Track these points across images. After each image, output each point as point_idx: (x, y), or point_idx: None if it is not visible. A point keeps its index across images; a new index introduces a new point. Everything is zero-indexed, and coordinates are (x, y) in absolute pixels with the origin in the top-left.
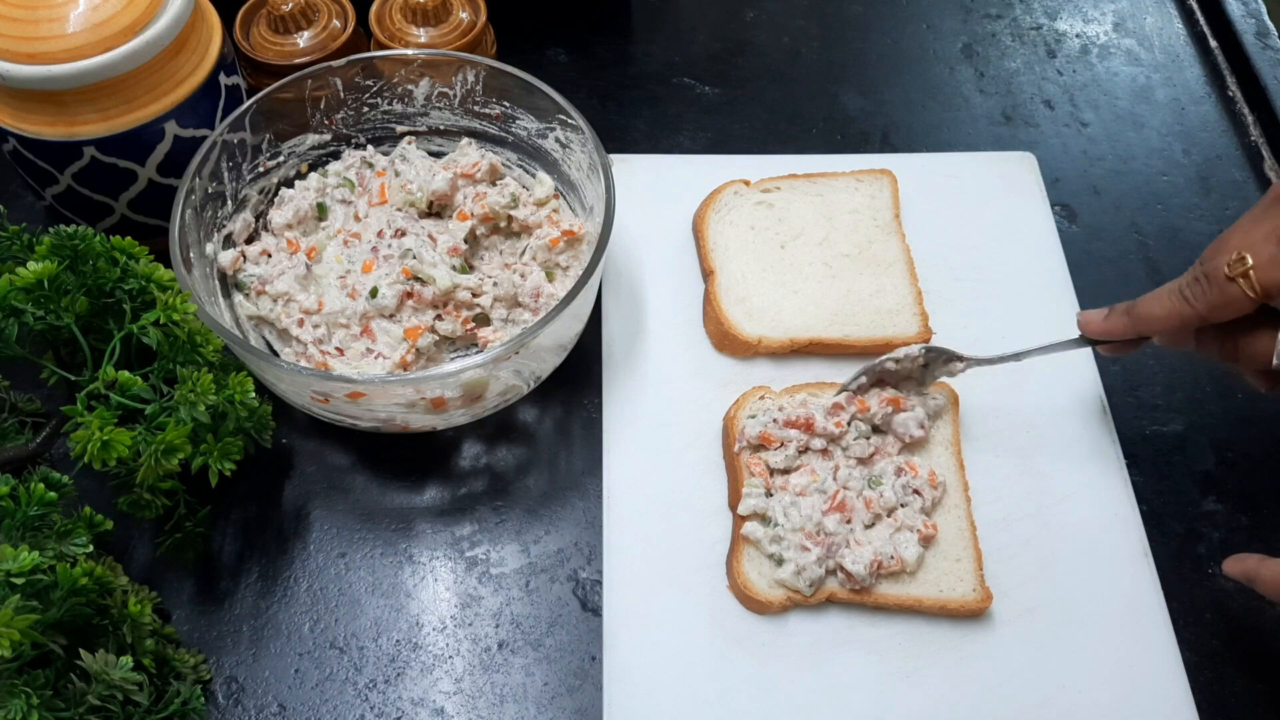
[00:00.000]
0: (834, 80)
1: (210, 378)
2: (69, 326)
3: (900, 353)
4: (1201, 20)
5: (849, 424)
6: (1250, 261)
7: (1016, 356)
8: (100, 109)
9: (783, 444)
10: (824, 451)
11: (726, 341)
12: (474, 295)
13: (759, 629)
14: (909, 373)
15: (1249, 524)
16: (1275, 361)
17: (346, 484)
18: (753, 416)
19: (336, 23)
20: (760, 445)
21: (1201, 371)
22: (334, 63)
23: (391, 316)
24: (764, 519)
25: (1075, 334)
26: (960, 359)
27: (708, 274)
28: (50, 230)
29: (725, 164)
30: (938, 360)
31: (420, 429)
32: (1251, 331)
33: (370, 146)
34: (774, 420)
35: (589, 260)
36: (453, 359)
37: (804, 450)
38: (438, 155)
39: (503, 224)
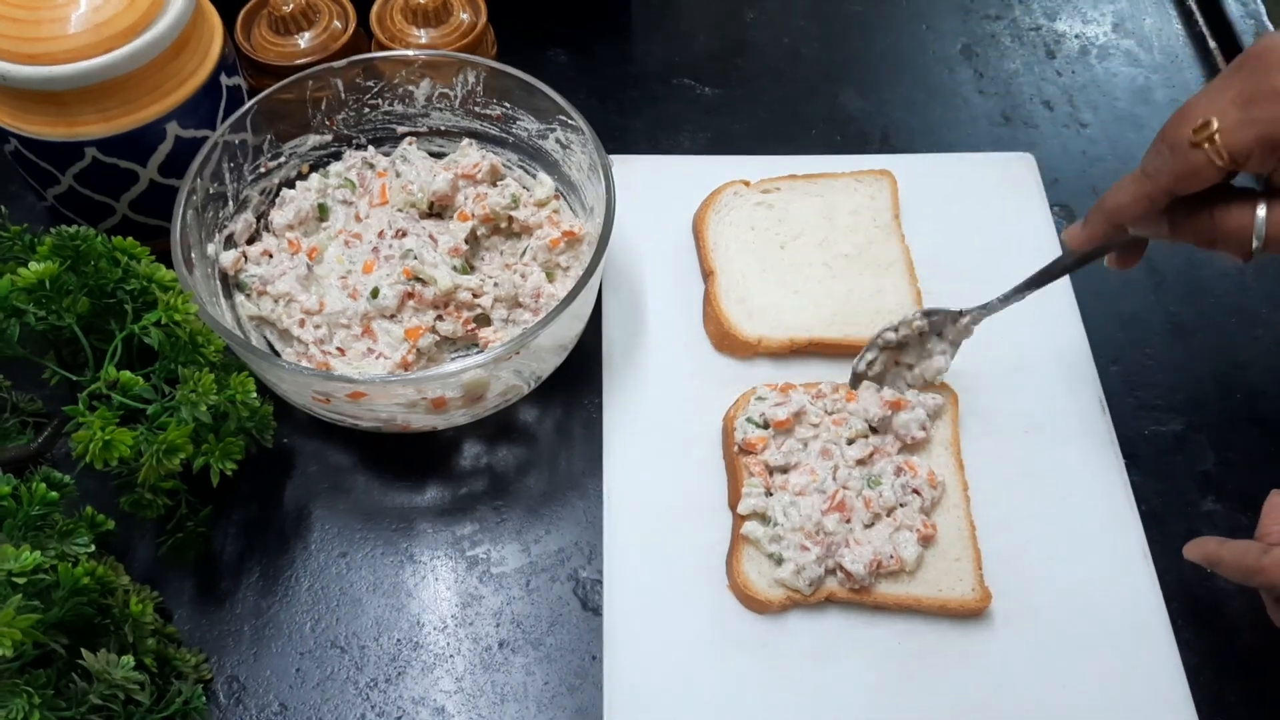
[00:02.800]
0: (834, 80)
1: (212, 378)
2: (70, 327)
3: (897, 319)
4: (1201, 21)
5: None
6: (1215, 125)
7: (1019, 294)
8: (101, 110)
9: (768, 445)
10: (824, 451)
11: (726, 341)
12: (475, 296)
13: (759, 628)
14: (912, 340)
15: (1249, 524)
16: (1255, 243)
17: (347, 484)
18: (748, 419)
19: (337, 24)
20: (747, 450)
21: (1202, 371)
22: (335, 63)
23: (392, 317)
24: (764, 518)
25: (1063, 254)
26: (962, 313)
27: (708, 274)
28: (52, 231)
29: (725, 164)
30: (942, 321)
31: (421, 429)
32: (1227, 206)
33: (371, 147)
34: (757, 420)
35: (589, 260)
36: (453, 359)
37: (804, 444)
38: (438, 156)
39: (503, 224)
